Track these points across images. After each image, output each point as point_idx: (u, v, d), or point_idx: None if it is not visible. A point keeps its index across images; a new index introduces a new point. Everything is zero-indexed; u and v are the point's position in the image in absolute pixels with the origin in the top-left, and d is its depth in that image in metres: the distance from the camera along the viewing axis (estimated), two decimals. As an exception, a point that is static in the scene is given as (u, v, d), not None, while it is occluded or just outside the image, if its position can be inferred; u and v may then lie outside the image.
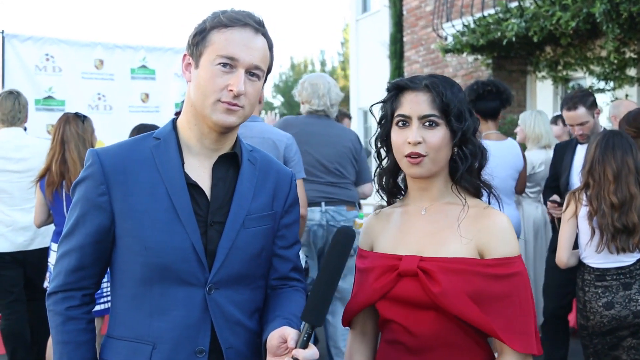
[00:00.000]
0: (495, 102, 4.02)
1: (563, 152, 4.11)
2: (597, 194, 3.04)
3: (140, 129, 4.56)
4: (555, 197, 3.89)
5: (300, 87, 4.25)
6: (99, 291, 3.72)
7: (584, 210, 3.12)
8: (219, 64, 1.51)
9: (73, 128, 3.86)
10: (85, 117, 4.01)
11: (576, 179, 3.92)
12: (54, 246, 3.89)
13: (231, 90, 1.51)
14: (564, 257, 3.21)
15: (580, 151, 4.00)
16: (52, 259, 3.90)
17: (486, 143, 4.23)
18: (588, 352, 3.12)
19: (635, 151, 3.05)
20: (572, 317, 4.63)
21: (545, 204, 4.24)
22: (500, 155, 4.09)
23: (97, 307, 3.61)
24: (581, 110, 3.84)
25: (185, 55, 1.58)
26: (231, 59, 1.51)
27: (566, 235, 3.21)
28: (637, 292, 2.99)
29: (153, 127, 4.52)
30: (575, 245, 3.24)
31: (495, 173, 4.48)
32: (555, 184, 4.15)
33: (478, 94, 3.96)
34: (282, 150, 3.39)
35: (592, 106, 3.91)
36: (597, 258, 3.10)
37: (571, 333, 4.43)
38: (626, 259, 3.04)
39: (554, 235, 4.21)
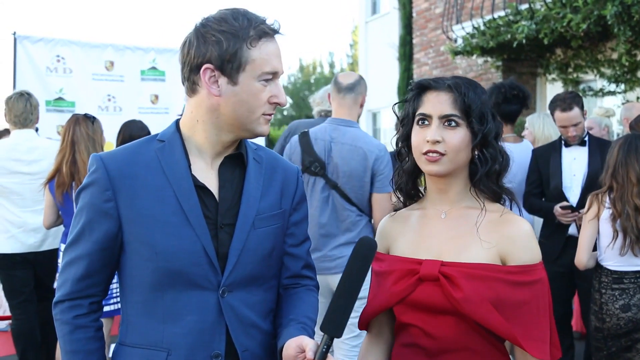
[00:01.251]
0: (517, 105, 4.03)
1: (547, 156, 4.02)
2: (621, 197, 3.03)
3: (128, 125, 4.55)
4: (565, 203, 3.84)
5: (315, 95, 4.66)
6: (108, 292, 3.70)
7: (606, 213, 3.11)
8: (263, 80, 1.52)
9: (83, 129, 3.87)
10: (94, 118, 4.02)
11: (569, 182, 3.90)
12: (63, 247, 3.90)
13: (274, 103, 1.55)
14: (583, 258, 3.20)
15: (567, 153, 3.96)
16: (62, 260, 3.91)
17: (505, 146, 4.19)
18: (601, 354, 3.10)
19: None
20: (574, 322, 4.61)
21: (532, 212, 4.13)
22: (517, 159, 4.05)
23: (106, 308, 3.61)
24: (576, 111, 3.82)
25: (207, 68, 1.50)
26: (273, 74, 1.54)
27: (587, 237, 3.20)
28: None
29: (139, 124, 4.52)
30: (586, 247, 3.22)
31: (512, 176, 4.44)
32: (538, 190, 4.06)
33: (505, 97, 3.96)
34: (371, 161, 3.23)
35: (582, 107, 3.91)
36: (615, 261, 3.09)
37: (576, 338, 4.41)
38: None
39: (543, 244, 4.14)
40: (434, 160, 1.59)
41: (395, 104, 1.83)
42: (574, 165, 3.93)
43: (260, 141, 6.93)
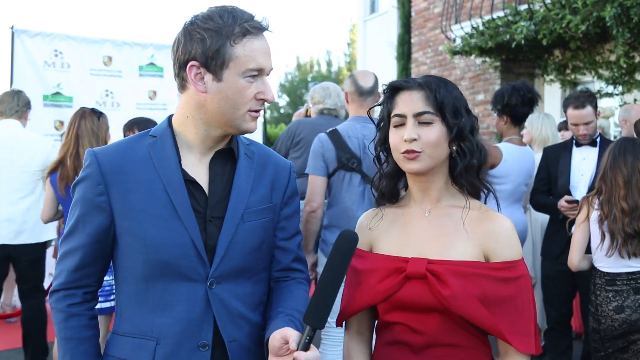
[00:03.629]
0: (528, 108, 4.10)
1: (557, 155, 4.07)
2: (609, 200, 3.07)
3: (137, 122, 4.53)
4: (570, 197, 3.86)
5: (312, 92, 4.65)
6: (109, 288, 3.64)
7: (595, 214, 3.15)
8: (248, 76, 1.53)
9: (88, 123, 3.85)
10: (101, 113, 3.99)
11: (576, 181, 3.93)
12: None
13: (261, 99, 1.57)
14: (575, 260, 3.25)
15: (577, 153, 3.99)
16: None
17: (509, 146, 4.21)
18: (599, 355, 3.12)
19: None
20: (574, 322, 4.62)
21: (538, 208, 4.18)
22: (520, 161, 4.09)
23: (107, 304, 3.60)
24: (589, 109, 3.86)
25: (193, 65, 1.53)
26: (259, 70, 1.55)
27: (578, 239, 3.25)
28: None
29: (147, 121, 4.51)
30: (588, 250, 3.25)
31: (513, 177, 4.45)
32: (546, 188, 4.09)
33: (523, 100, 4.00)
34: None
35: (596, 107, 3.95)
36: (607, 262, 3.11)
37: (573, 337, 4.42)
38: (636, 264, 3.05)
39: (547, 242, 4.17)
40: (413, 158, 1.60)
41: (370, 108, 1.83)
42: (583, 165, 3.96)
43: (259, 139, 6.93)
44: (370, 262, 1.68)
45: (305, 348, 1.41)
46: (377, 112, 1.92)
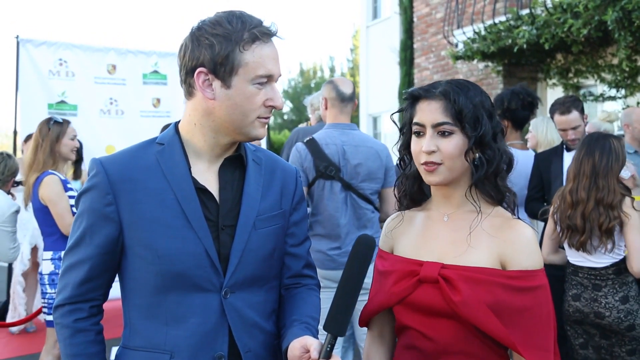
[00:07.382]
0: (529, 112, 4.11)
1: (549, 161, 4.07)
2: (562, 192, 3.21)
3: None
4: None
5: (310, 100, 4.81)
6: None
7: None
8: (257, 83, 1.51)
9: None
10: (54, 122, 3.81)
11: None
12: (49, 255, 3.75)
13: (270, 106, 1.54)
14: (544, 252, 3.37)
15: (568, 158, 3.97)
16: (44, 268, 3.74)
17: (512, 151, 4.23)
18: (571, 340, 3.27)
19: (604, 158, 3.08)
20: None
21: (533, 216, 4.14)
22: (523, 165, 4.09)
23: None
24: (575, 114, 3.87)
25: (201, 72, 1.50)
26: (268, 77, 1.52)
27: (547, 231, 3.39)
28: (604, 295, 3.09)
29: None
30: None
31: (515, 182, 4.48)
32: (540, 195, 4.08)
33: (523, 104, 4.01)
34: (384, 159, 3.44)
35: (582, 111, 3.96)
36: (571, 254, 3.24)
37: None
38: (598, 260, 3.13)
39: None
40: (431, 171, 1.59)
41: (393, 114, 1.85)
42: None
43: (263, 145, 6.96)
44: (389, 264, 1.68)
45: (328, 356, 1.39)
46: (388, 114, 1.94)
